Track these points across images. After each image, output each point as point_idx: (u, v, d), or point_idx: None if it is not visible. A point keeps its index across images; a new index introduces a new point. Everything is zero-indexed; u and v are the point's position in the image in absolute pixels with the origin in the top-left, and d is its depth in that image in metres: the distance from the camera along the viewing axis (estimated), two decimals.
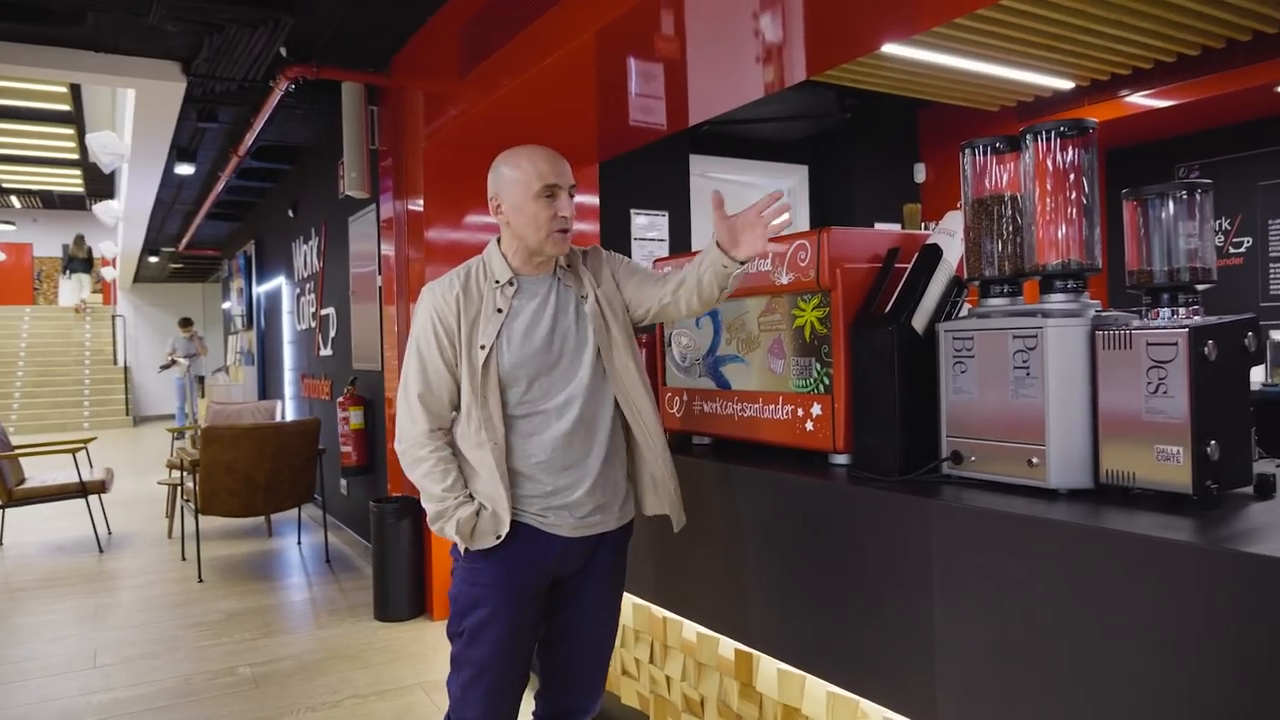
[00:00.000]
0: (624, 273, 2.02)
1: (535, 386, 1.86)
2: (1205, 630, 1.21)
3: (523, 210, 1.85)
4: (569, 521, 1.87)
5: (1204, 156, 5.13)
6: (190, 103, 5.03)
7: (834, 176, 5.92)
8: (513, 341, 1.85)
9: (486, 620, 1.85)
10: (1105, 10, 3.75)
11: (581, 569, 1.95)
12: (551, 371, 1.87)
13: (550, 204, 1.84)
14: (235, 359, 9.93)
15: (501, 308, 1.86)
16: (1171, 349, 1.42)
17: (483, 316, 1.86)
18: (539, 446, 1.85)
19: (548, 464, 1.85)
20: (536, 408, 1.86)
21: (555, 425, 1.86)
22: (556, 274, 1.94)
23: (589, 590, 1.97)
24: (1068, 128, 1.64)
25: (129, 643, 3.86)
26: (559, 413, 1.86)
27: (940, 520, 1.59)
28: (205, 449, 4.79)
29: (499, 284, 1.89)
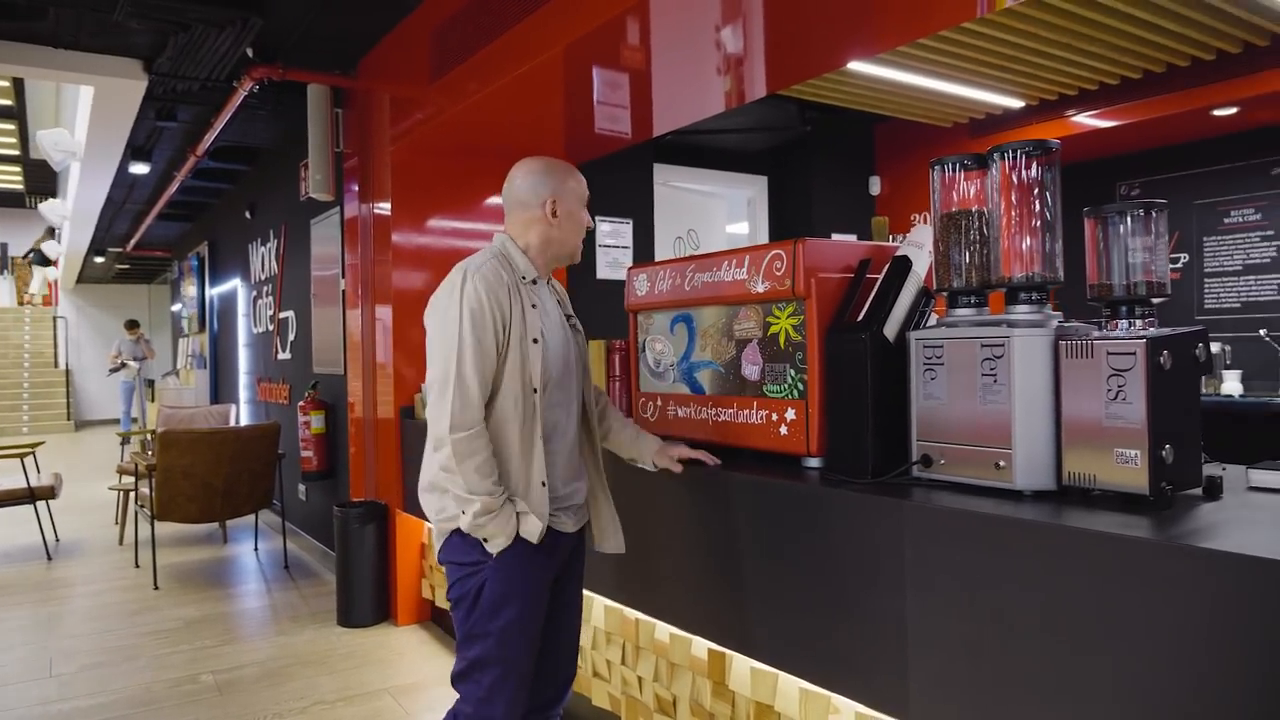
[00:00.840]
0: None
1: (556, 388, 1.95)
2: (1163, 621, 1.29)
3: (575, 217, 2.02)
4: (574, 518, 2.04)
5: (1144, 175, 5.35)
6: (149, 101, 4.96)
7: (793, 187, 6.05)
8: (548, 339, 1.92)
9: (520, 618, 1.87)
10: (1055, 34, 3.90)
11: (564, 566, 2.07)
12: (566, 374, 1.99)
13: (585, 215, 2.06)
14: (186, 362, 9.74)
15: (535, 304, 1.92)
16: (1130, 358, 1.52)
17: (524, 309, 1.87)
18: (555, 451, 1.96)
19: (563, 468, 1.99)
20: (557, 412, 1.96)
21: (568, 429, 2.01)
22: (551, 284, 2.09)
23: (570, 586, 2.11)
24: (1033, 147, 1.74)
25: (85, 651, 3.79)
26: (570, 417, 2.02)
27: (913, 520, 1.67)
28: (162, 453, 4.72)
29: (524, 280, 1.94)
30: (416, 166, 4.21)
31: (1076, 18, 3.70)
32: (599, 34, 2.89)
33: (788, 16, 2.81)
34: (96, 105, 4.95)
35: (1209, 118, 4.60)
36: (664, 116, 3.89)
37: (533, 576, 1.91)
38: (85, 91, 5.22)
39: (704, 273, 2.30)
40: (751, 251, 2.16)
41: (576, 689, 2.80)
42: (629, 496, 2.43)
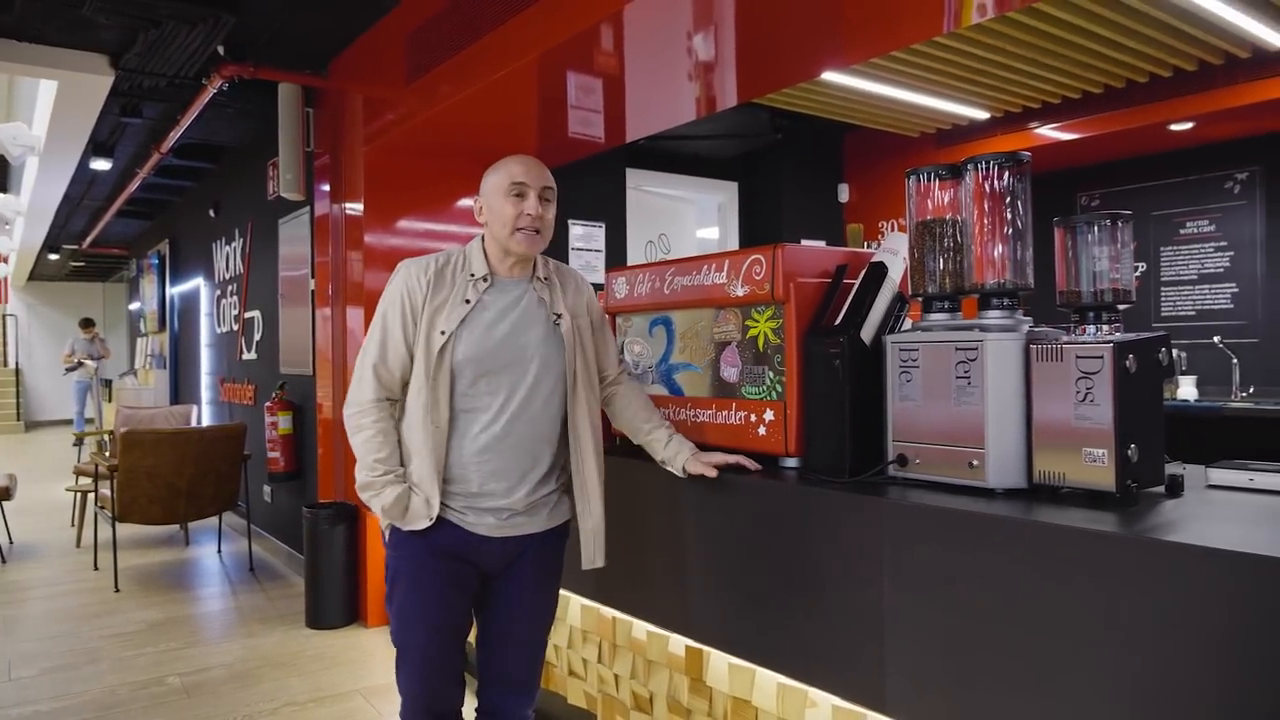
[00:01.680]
0: (598, 328, 2.12)
1: (481, 382, 1.90)
2: (1131, 611, 1.35)
3: (495, 210, 1.93)
4: (489, 522, 1.92)
5: (1104, 186, 5.51)
6: (114, 97, 4.89)
7: (763, 194, 6.12)
8: (472, 334, 1.90)
9: (411, 603, 1.92)
10: (1021, 49, 4.01)
11: (505, 569, 1.99)
12: (501, 372, 1.90)
13: (519, 202, 1.91)
14: (145, 362, 9.56)
15: (470, 299, 1.92)
16: (1098, 361, 1.58)
17: (449, 303, 1.91)
18: (472, 444, 1.89)
19: (477, 464, 1.89)
20: (477, 404, 1.90)
21: (491, 426, 1.90)
22: (533, 284, 1.99)
23: (514, 592, 2.00)
24: (1005, 159, 1.80)
25: (46, 654, 3.72)
26: (502, 417, 1.90)
27: (891, 517, 1.72)
28: (125, 454, 4.64)
29: (474, 277, 1.94)
30: (390, 167, 4.21)
31: (1042, 33, 3.81)
32: (575, 42, 2.93)
33: (759, 29, 2.88)
34: (60, 100, 4.86)
35: (1166, 132, 4.75)
36: (637, 123, 3.93)
37: (425, 564, 1.90)
38: (47, 86, 5.13)
39: (684, 276, 2.34)
40: (731, 256, 2.20)
41: (551, 688, 2.82)
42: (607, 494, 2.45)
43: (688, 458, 2.09)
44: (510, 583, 2.00)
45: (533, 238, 1.91)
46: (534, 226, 1.91)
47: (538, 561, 2.02)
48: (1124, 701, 1.36)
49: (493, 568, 1.97)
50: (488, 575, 1.98)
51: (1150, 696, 1.33)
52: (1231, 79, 4.22)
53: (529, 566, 2.00)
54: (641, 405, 2.15)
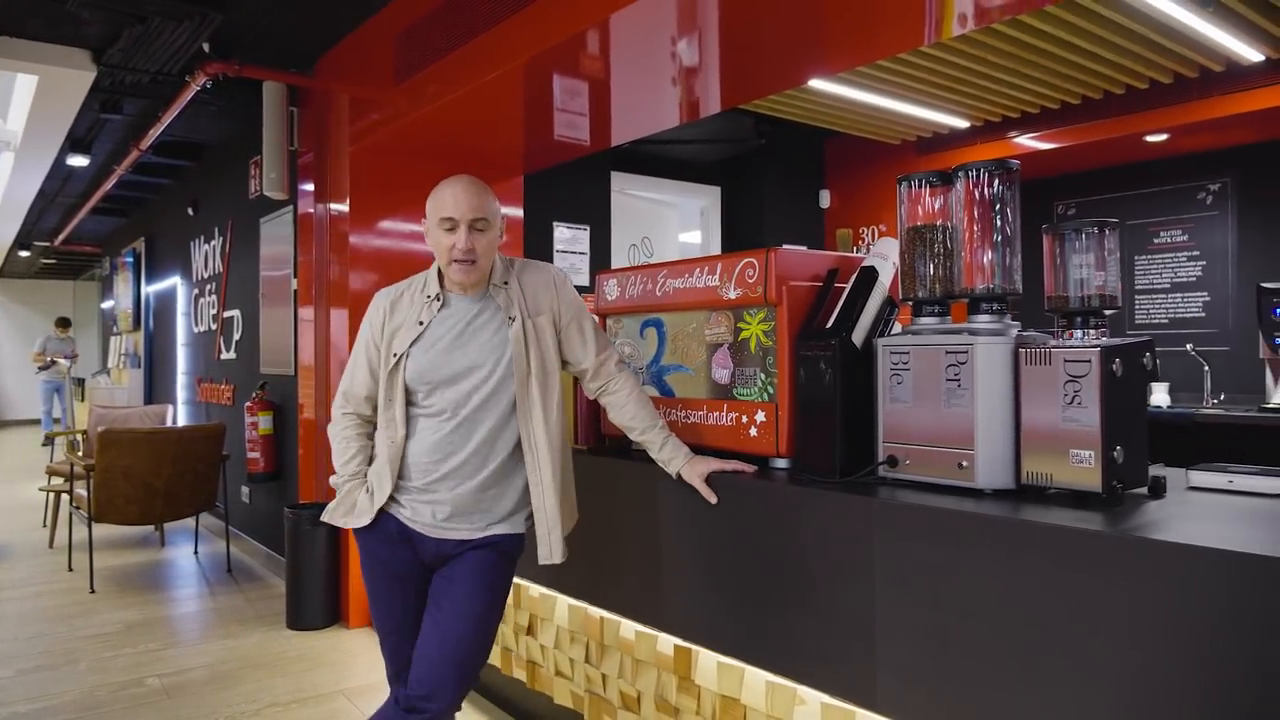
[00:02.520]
0: (569, 321, 2.12)
1: (435, 395, 2.00)
2: (1117, 608, 1.39)
3: (433, 240, 2.04)
4: (427, 519, 2.01)
5: (1080, 195, 5.60)
6: (94, 92, 4.84)
7: (745, 199, 6.17)
8: (423, 352, 2.00)
9: (369, 590, 2.10)
10: (1002, 59, 4.08)
11: (443, 567, 2.04)
12: (452, 384, 1.99)
13: (449, 236, 1.98)
14: (119, 361, 9.44)
15: (423, 320, 2.03)
16: (1086, 365, 1.62)
17: (404, 327, 2.04)
18: (421, 446, 2.01)
19: (425, 464, 2.00)
20: (433, 413, 2.01)
21: (439, 431, 2.00)
22: (490, 291, 2.05)
23: (447, 592, 2.01)
24: (995, 167, 1.84)
25: (21, 655, 3.67)
26: (450, 423, 2.00)
27: (882, 516, 1.75)
28: (102, 453, 4.59)
29: (429, 298, 2.05)
30: (376, 167, 4.20)
31: (1022, 44, 3.89)
32: (565, 46, 2.96)
33: (742, 39, 2.93)
34: (39, 95, 4.80)
35: (1142, 143, 4.85)
36: (623, 127, 3.97)
37: (370, 553, 2.06)
38: (25, 80, 5.07)
39: (676, 279, 2.36)
40: (724, 259, 2.23)
41: (538, 688, 2.83)
42: (595, 494, 2.47)
43: (683, 464, 2.12)
44: (441, 580, 2.04)
45: (467, 268, 1.98)
46: (467, 259, 1.97)
47: (473, 566, 2.02)
48: (1111, 697, 1.39)
49: (432, 563, 2.06)
50: (429, 570, 2.07)
51: (1137, 692, 1.37)
52: (1206, 91, 4.32)
53: (462, 569, 2.02)
54: (637, 403, 2.15)
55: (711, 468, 2.10)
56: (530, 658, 2.88)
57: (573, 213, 5.15)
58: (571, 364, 2.16)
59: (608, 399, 2.18)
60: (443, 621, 1.99)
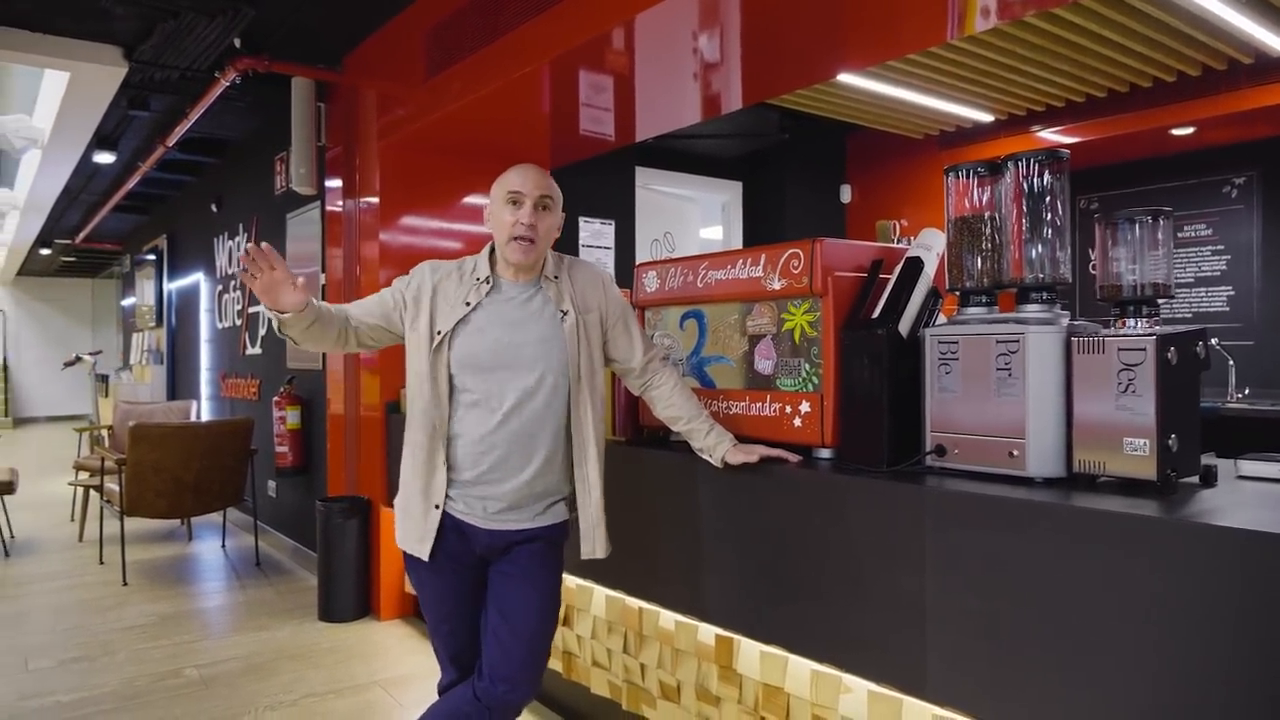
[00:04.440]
0: (616, 320, 2.14)
1: (480, 380, 1.98)
2: (1174, 596, 1.40)
3: (496, 218, 2.02)
4: (479, 513, 2.01)
5: (1102, 189, 5.58)
6: (123, 89, 4.88)
7: (767, 193, 6.17)
8: (469, 335, 1.99)
9: (419, 584, 2.10)
10: (1028, 51, 4.08)
11: (498, 559, 2.06)
12: (497, 371, 1.98)
13: (514, 210, 1.98)
14: (141, 358, 9.51)
15: (470, 301, 2.01)
16: (1140, 354, 1.63)
17: (451, 303, 2.01)
18: (471, 438, 1.99)
19: (477, 458, 1.99)
20: (479, 403, 1.98)
21: (492, 424, 1.98)
22: (540, 284, 2.05)
23: (509, 588, 2.05)
24: (1045, 156, 1.85)
25: (60, 646, 3.72)
26: (497, 413, 1.98)
27: (935, 505, 1.76)
28: (133, 448, 4.64)
29: (478, 280, 2.03)
30: (404, 163, 4.22)
31: (1049, 36, 3.88)
32: (593, 44, 2.98)
33: (765, 36, 2.94)
34: (69, 92, 4.84)
35: (1167, 136, 4.83)
36: (646, 123, 3.99)
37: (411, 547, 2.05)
38: (56, 77, 5.11)
39: (717, 270, 2.38)
40: (767, 250, 2.24)
41: (574, 678, 2.85)
42: (634, 485, 2.49)
43: (728, 449, 2.12)
44: (501, 576, 2.06)
45: (526, 247, 1.98)
46: (527, 235, 1.97)
47: (531, 558, 2.06)
48: (1165, 684, 1.40)
49: (486, 554, 2.06)
50: (484, 560, 2.07)
51: (1193, 679, 1.37)
52: (1234, 84, 4.30)
53: (520, 562, 2.05)
54: (682, 396, 2.17)
55: (758, 452, 2.11)
56: (567, 648, 2.90)
57: (597, 207, 5.17)
58: (618, 362, 2.18)
59: (652, 394, 2.20)
60: (511, 617, 2.02)
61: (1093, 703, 1.49)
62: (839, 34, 2.96)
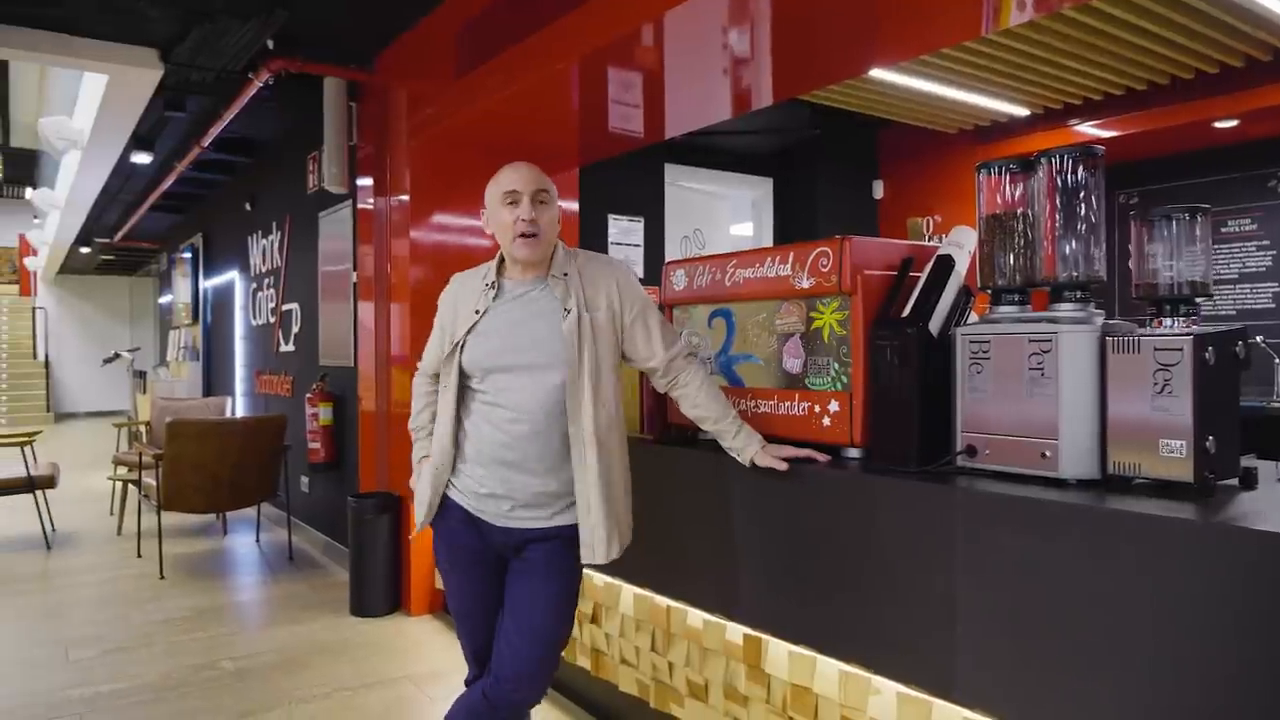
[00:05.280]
0: (635, 318, 2.09)
1: (490, 382, 2.01)
2: (1211, 600, 1.37)
3: (496, 220, 2.04)
4: (493, 510, 2.03)
5: (1142, 184, 5.48)
6: (159, 90, 4.95)
7: (798, 190, 6.13)
8: (478, 339, 2.01)
9: (445, 573, 2.16)
10: (1065, 44, 4.01)
11: (516, 555, 2.06)
12: (508, 372, 1.99)
13: (513, 209, 1.99)
14: (178, 354, 9.68)
15: (479, 308, 2.04)
16: (1177, 354, 1.59)
17: (464, 313, 2.06)
18: (484, 439, 2.01)
19: (488, 456, 2.00)
20: (489, 401, 2.01)
21: (503, 424, 1.99)
22: (547, 282, 2.03)
23: (523, 587, 2.04)
24: (1080, 152, 1.81)
25: (100, 638, 3.80)
26: (508, 413, 1.99)
27: (966, 505, 1.74)
28: (170, 443, 4.72)
29: (485, 285, 2.06)
30: (434, 161, 4.25)
31: (1088, 29, 3.81)
32: (622, 41, 2.97)
33: (796, 31, 2.91)
34: (108, 94, 4.93)
35: (1209, 129, 4.73)
36: (676, 120, 3.97)
37: (444, 554, 2.12)
38: (93, 80, 5.21)
39: (746, 268, 2.36)
40: (796, 248, 2.22)
41: (603, 675, 2.86)
42: (662, 483, 2.49)
43: (756, 450, 2.11)
44: (515, 574, 2.07)
45: (530, 242, 1.99)
46: (529, 230, 1.97)
47: (545, 556, 2.04)
48: (1200, 692, 1.37)
49: (502, 550, 2.07)
50: (500, 556, 2.09)
51: (1229, 684, 1.34)
52: (1278, 75, 4.20)
53: (535, 560, 2.04)
54: (708, 395, 2.14)
55: (785, 453, 2.10)
56: (595, 646, 2.90)
57: (627, 205, 5.17)
58: (638, 360, 2.13)
59: (679, 392, 2.17)
60: (522, 616, 2.02)
61: (1125, 709, 1.47)
62: (872, 29, 2.93)
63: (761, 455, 2.10)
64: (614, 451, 2.05)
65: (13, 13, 4.06)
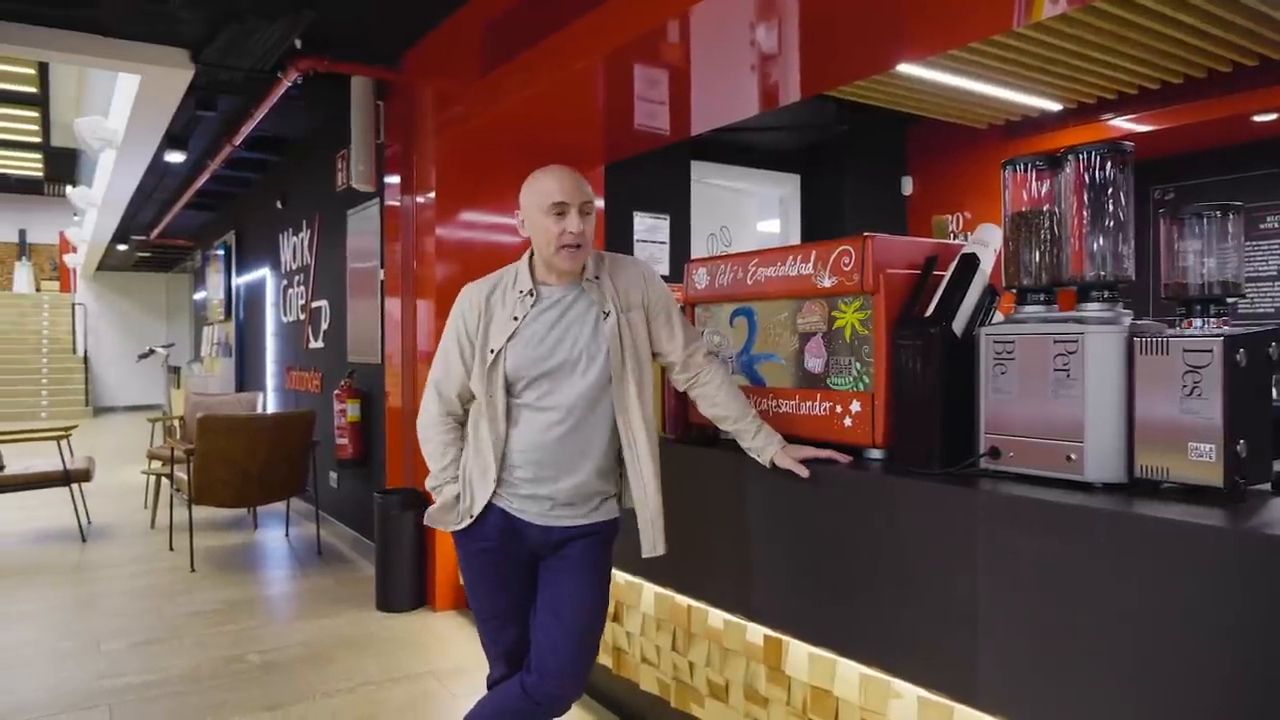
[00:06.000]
0: (658, 313, 2.13)
1: (534, 387, 2.01)
2: (1240, 608, 1.33)
3: (536, 224, 2.02)
4: (533, 509, 2.04)
5: (1178, 180, 5.37)
6: (191, 90, 5.02)
7: (825, 186, 6.08)
8: (519, 347, 2.01)
9: (467, 583, 2.15)
10: (1098, 37, 3.94)
11: (550, 555, 2.08)
12: (551, 376, 2.01)
13: (559, 221, 1.98)
14: (211, 350, 9.83)
15: (518, 315, 2.03)
16: (1207, 355, 1.55)
17: (499, 321, 2.04)
18: (527, 442, 2.02)
19: (533, 458, 2.02)
20: (534, 405, 2.02)
21: (546, 426, 2.01)
22: (582, 285, 2.06)
23: (556, 579, 2.08)
24: (1108, 149, 1.77)
25: (131, 630, 3.86)
26: (551, 415, 2.01)
27: (989, 509, 1.71)
28: (200, 439, 4.78)
29: (521, 293, 2.05)
30: (460, 159, 4.27)
31: (1122, 21, 3.73)
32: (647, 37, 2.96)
33: (824, 25, 2.88)
34: (141, 94, 5.01)
35: (1248, 123, 4.62)
36: (702, 116, 3.95)
37: (469, 548, 2.09)
38: (126, 80, 5.30)
39: (767, 267, 2.35)
40: (818, 247, 2.20)
41: (624, 674, 2.86)
42: (684, 482, 2.48)
43: (776, 451, 2.10)
44: (551, 572, 2.08)
45: (576, 254, 2.00)
46: (576, 243, 1.98)
47: (582, 553, 2.08)
48: (1227, 703, 1.34)
49: (538, 549, 2.08)
50: (535, 556, 2.09)
51: (1257, 698, 1.31)
52: None
53: (572, 557, 2.07)
54: (728, 394, 2.15)
55: (805, 454, 2.09)
56: (616, 644, 2.90)
57: (652, 202, 5.16)
58: (660, 355, 2.18)
59: (697, 391, 2.19)
60: (561, 612, 2.05)
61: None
62: (900, 22, 2.89)
63: (781, 455, 2.09)
64: (655, 445, 2.12)
65: (50, 15, 4.13)
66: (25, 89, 8.43)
